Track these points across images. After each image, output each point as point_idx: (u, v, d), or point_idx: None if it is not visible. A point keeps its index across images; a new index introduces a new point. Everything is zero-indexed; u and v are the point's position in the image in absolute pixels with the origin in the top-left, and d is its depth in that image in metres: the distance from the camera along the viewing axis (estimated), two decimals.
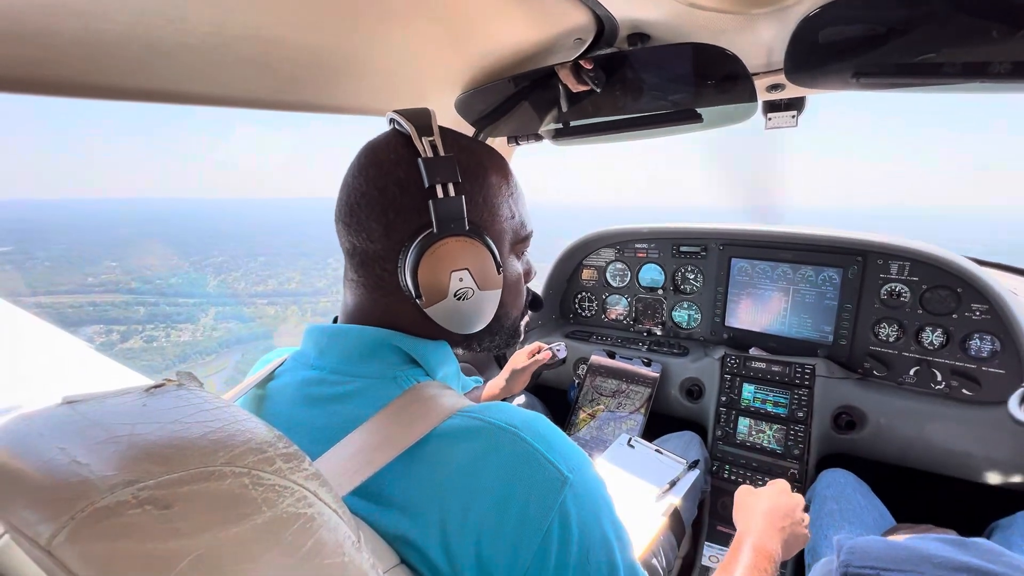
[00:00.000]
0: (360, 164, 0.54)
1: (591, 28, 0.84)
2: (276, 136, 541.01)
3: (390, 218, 0.52)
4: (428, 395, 0.50)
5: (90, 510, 0.27)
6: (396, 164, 0.52)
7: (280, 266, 70.37)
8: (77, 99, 0.67)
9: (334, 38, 0.75)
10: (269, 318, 54.12)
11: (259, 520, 0.30)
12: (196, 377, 0.43)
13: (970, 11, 0.65)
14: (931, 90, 0.81)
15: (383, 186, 0.52)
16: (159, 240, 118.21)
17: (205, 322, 50.92)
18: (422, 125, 0.53)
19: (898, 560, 0.73)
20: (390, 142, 0.54)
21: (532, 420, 0.48)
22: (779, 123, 1.13)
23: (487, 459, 0.44)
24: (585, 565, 0.44)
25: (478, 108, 1.07)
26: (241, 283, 65.98)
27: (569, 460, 0.46)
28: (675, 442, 1.38)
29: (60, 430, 0.32)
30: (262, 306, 57.85)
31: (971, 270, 1.20)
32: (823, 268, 1.40)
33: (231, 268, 73.57)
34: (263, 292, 62.84)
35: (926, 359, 1.28)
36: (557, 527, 0.43)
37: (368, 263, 0.54)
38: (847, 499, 1.12)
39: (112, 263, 75.91)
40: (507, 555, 0.42)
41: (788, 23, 0.75)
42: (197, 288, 63.07)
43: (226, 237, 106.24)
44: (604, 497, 0.49)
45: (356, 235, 0.54)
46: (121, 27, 0.57)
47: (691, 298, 1.64)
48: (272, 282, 66.46)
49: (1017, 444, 1.13)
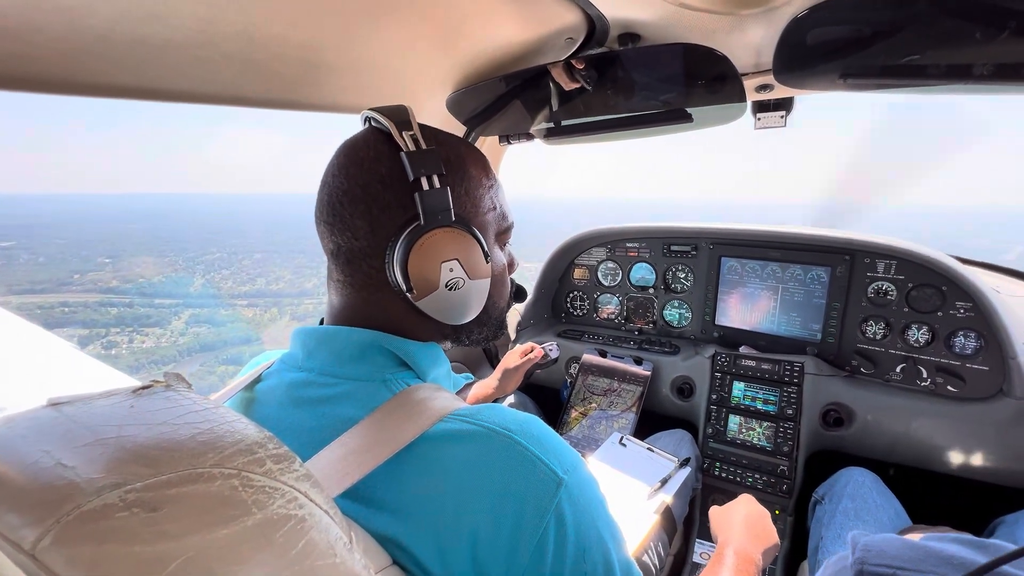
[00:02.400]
0: (340, 163, 0.54)
1: (582, 28, 0.84)
2: (284, 130, 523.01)
3: (375, 215, 0.52)
4: (419, 398, 0.49)
5: (76, 513, 0.26)
6: (377, 160, 0.52)
7: (274, 264, 67.81)
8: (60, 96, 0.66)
9: (324, 36, 0.75)
10: (244, 322, 51.10)
11: (249, 522, 0.30)
12: (184, 378, 0.42)
13: (955, 14, 0.66)
14: (917, 91, 0.83)
15: (365, 183, 0.52)
16: (160, 238, 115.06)
17: (176, 326, 47.75)
18: (401, 120, 0.53)
19: (916, 560, 0.72)
20: (368, 139, 0.54)
21: (526, 422, 0.48)
22: (768, 123, 1.14)
23: (482, 463, 0.44)
24: (581, 565, 0.44)
25: (469, 107, 1.07)
26: (229, 282, 63.26)
27: (564, 462, 0.46)
28: (666, 440, 1.39)
29: (45, 433, 0.31)
30: (241, 308, 54.79)
31: (956, 269, 1.22)
32: (811, 267, 1.41)
33: (224, 265, 71.06)
34: (247, 292, 59.89)
35: (912, 356, 1.30)
36: (553, 529, 0.43)
37: (354, 261, 0.54)
38: (863, 497, 1.11)
39: (105, 259, 73.07)
40: (503, 558, 0.42)
41: (777, 24, 0.76)
42: (180, 288, 60.30)
43: (230, 233, 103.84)
44: (598, 497, 0.49)
45: (340, 234, 0.53)
46: (106, 23, 0.56)
47: (682, 297, 1.65)
48: (261, 281, 63.78)
49: (1000, 440, 1.15)
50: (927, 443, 1.23)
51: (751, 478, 1.37)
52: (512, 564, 0.42)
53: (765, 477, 1.35)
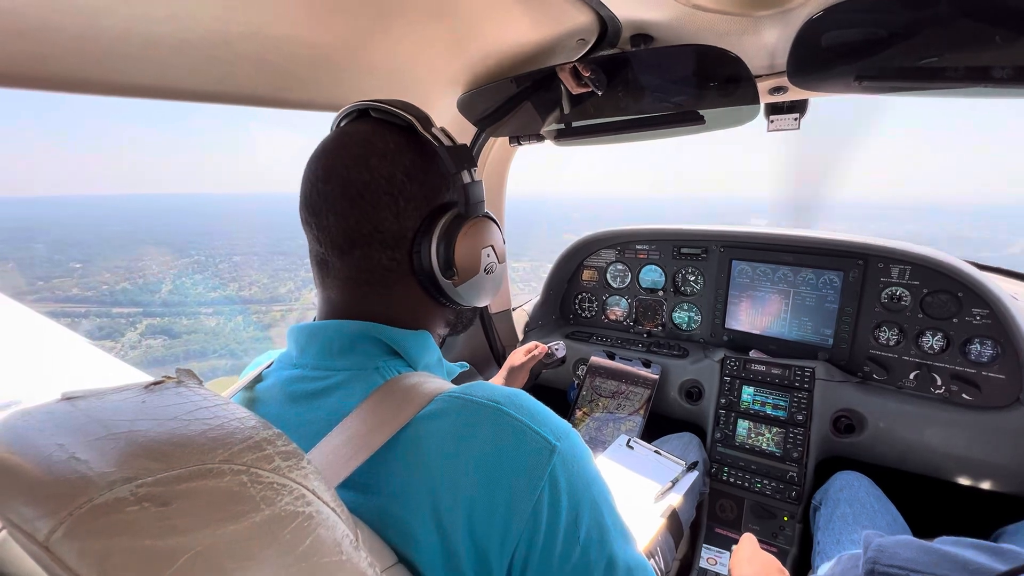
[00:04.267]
0: (355, 155, 0.53)
1: (594, 29, 0.84)
2: (283, 130, 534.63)
3: (401, 206, 0.53)
4: (412, 383, 0.50)
5: (88, 507, 0.27)
6: (399, 152, 0.53)
7: (252, 267, 63.44)
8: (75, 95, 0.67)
9: (337, 36, 0.75)
10: (204, 333, 45.02)
11: (257, 518, 0.30)
12: (196, 374, 0.43)
13: (973, 16, 0.65)
14: (934, 94, 0.81)
15: (390, 175, 0.52)
16: (143, 241, 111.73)
17: (130, 337, 42.48)
18: (420, 116, 0.55)
19: (930, 564, 0.71)
20: (381, 132, 0.54)
21: (514, 395, 0.48)
22: (781, 125, 1.13)
23: (473, 435, 0.45)
24: (575, 530, 0.45)
25: (480, 107, 1.07)
26: (199, 287, 58.40)
27: (556, 429, 0.47)
28: (674, 443, 1.38)
29: (59, 426, 0.32)
30: (204, 317, 49.47)
31: (972, 275, 1.19)
32: (824, 271, 1.40)
33: (200, 269, 66.35)
34: (214, 299, 54.82)
35: (926, 363, 1.28)
36: (547, 494, 0.44)
37: (372, 254, 0.54)
38: (860, 502, 1.11)
39: (77, 264, 67.76)
40: (500, 527, 0.43)
41: (791, 26, 0.75)
42: (145, 295, 55.90)
43: (217, 235, 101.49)
44: (591, 464, 0.49)
45: (358, 227, 0.53)
46: (123, 23, 0.57)
47: (691, 300, 1.64)
48: (233, 286, 58.29)
49: (1016, 449, 1.13)
50: (940, 452, 1.21)
51: (759, 483, 1.35)
52: (507, 534, 0.43)
53: (774, 483, 1.34)
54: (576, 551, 0.45)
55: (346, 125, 0.57)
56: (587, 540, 0.45)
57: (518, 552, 0.43)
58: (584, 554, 0.45)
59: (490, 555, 0.43)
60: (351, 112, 0.58)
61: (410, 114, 0.54)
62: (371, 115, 0.57)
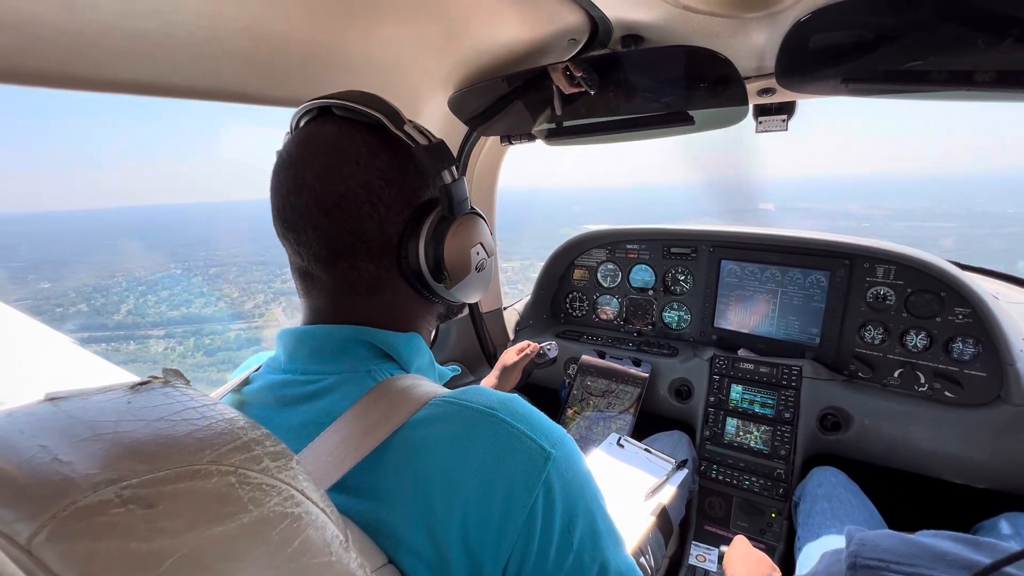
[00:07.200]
0: (325, 165, 0.49)
1: (585, 29, 0.84)
2: (267, 133, 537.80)
3: (382, 213, 0.50)
4: (405, 385, 0.49)
5: (72, 509, 0.26)
6: (372, 155, 0.50)
7: (228, 278, 58.65)
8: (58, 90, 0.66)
9: (326, 34, 0.75)
10: (142, 362, 38.45)
11: (245, 519, 0.29)
12: (182, 374, 0.42)
13: (958, 21, 0.66)
14: (919, 97, 0.83)
15: (366, 181, 0.49)
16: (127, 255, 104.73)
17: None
18: (388, 112, 0.50)
19: (909, 555, 0.73)
20: (350, 133, 0.50)
21: (508, 400, 0.48)
22: (769, 127, 1.14)
23: (468, 442, 0.44)
24: (569, 536, 0.45)
25: (471, 107, 1.07)
26: (162, 305, 53.37)
27: (550, 436, 0.47)
28: (664, 442, 1.39)
29: (42, 427, 0.31)
30: (154, 340, 43.54)
31: (954, 274, 1.22)
32: (811, 271, 1.41)
33: (172, 284, 61.57)
34: (171, 319, 49.86)
35: (910, 361, 1.30)
36: (542, 501, 0.43)
37: (357, 265, 0.52)
38: (838, 498, 1.13)
39: (46, 284, 61.85)
40: (495, 534, 0.42)
41: (780, 28, 0.76)
42: (99, 318, 50.53)
43: (203, 244, 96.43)
44: (585, 470, 0.49)
45: (338, 238, 0.50)
46: (108, 17, 0.56)
47: (681, 299, 1.65)
48: (199, 302, 53.64)
49: (997, 446, 1.15)
50: (923, 448, 1.24)
51: (748, 481, 1.37)
52: (502, 541, 0.42)
53: (762, 480, 1.35)
54: (570, 557, 0.45)
55: (309, 126, 0.52)
56: (580, 546, 0.45)
57: (512, 559, 0.43)
58: (577, 560, 0.45)
59: (484, 562, 0.43)
60: (311, 110, 0.52)
61: (378, 111, 0.49)
62: (335, 113, 0.51)
